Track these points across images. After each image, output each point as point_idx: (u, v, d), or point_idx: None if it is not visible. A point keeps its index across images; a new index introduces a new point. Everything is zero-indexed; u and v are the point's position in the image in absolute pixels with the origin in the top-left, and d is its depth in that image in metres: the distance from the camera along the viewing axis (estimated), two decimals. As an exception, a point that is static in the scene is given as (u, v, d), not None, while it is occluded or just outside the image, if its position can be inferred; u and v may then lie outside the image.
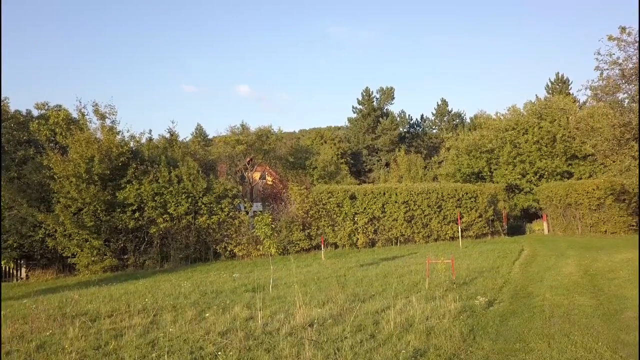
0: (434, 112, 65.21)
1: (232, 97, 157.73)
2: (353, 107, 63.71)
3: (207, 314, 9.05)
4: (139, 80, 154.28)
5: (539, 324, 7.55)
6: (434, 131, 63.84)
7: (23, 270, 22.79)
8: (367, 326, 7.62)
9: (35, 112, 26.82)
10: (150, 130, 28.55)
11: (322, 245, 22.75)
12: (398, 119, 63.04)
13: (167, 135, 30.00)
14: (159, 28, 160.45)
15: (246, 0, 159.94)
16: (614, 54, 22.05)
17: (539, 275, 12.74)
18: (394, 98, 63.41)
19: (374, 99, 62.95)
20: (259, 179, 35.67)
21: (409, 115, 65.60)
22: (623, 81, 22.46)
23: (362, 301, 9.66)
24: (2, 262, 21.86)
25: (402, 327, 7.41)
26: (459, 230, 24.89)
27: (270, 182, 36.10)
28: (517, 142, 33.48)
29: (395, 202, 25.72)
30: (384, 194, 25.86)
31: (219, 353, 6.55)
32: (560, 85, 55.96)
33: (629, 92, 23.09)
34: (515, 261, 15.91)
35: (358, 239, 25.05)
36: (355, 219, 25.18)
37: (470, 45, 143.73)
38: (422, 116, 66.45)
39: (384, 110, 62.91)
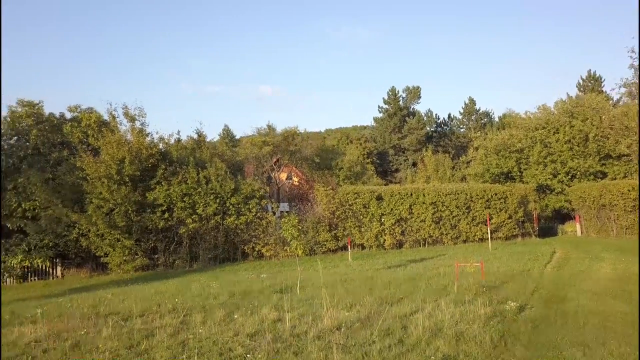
0: (462, 111, 64.34)
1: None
2: (379, 106, 63.50)
3: (236, 316, 9.13)
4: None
5: (573, 331, 7.37)
6: (462, 130, 62.98)
7: (58, 268, 23.48)
8: (395, 330, 7.56)
9: (68, 115, 27.54)
10: (179, 132, 28.96)
11: (349, 246, 22.71)
12: (425, 118, 62.40)
13: (195, 136, 30.40)
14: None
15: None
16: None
17: (573, 279, 12.44)
18: (420, 97, 62.93)
19: (400, 98, 62.53)
20: (286, 179, 35.82)
21: (436, 114, 64.88)
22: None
23: (390, 304, 9.60)
24: (39, 261, 22.54)
25: (431, 332, 7.33)
26: (488, 231, 24.52)
27: (296, 183, 36.23)
28: (547, 141, 32.75)
29: (423, 203, 25.49)
30: (411, 194, 25.66)
31: (248, 356, 6.61)
32: (592, 83, 54.47)
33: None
34: (547, 264, 15.58)
35: (385, 240, 24.92)
36: (382, 220, 25.06)
37: (498, 43, 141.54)
38: (449, 115, 65.66)
39: (411, 109, 62.41)
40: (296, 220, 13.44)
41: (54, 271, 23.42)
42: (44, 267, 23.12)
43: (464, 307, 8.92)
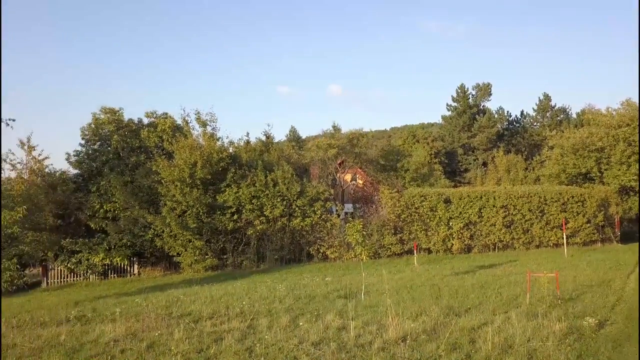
0: (535, 107, 61.24)
1: (323, 96, 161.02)
2: (447, 104, 61.79)
3: (301, 322, 9.23)
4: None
5: (660, 353, 6.80)
6: (536, 128, 59.92)
7: (135, 266, 24.88)
8: (462, 345, 7.34)
9: (145, 120, 29.00)
10: (248, 133, 29.62)
11: (415, 251, 22.32)
12: (496, 115, 59.94)
13: (263, 139, 31.03)
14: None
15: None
16: None
17: (660, 292, 11.49)
18: (491, 94, 60.49)
19: (470, 95, 60.56)
20: (350, 180, 35.79)
21: (507, 111, 62.08)
22: None
23: (457, 315, 9.34)
24: (118, 259, 23.94)
25: (501, 348, 7.03)
26: (564, 236, 23.20)
27: (361, 185, 36.10)
28: (632, 139, 30.45)
29: (493, 206, 24.58)
30: (481, 197, 24.81)
31: (312, 365, 6.66)
32: (684, 75, 50.10)
33: None
34: (631, 274, 14.49)
35: (453, 244, 24.28)
36: (450, 223, 24.41)
37: (576, 35, 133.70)
38: (522, 112, 62.62)
39: (481, 107, 60.24)
40: (360, 226, 13.38)
41: (132, 269, 24.83)
42: (122, 265, 24.57)
43: (537, 321, 8.50)
